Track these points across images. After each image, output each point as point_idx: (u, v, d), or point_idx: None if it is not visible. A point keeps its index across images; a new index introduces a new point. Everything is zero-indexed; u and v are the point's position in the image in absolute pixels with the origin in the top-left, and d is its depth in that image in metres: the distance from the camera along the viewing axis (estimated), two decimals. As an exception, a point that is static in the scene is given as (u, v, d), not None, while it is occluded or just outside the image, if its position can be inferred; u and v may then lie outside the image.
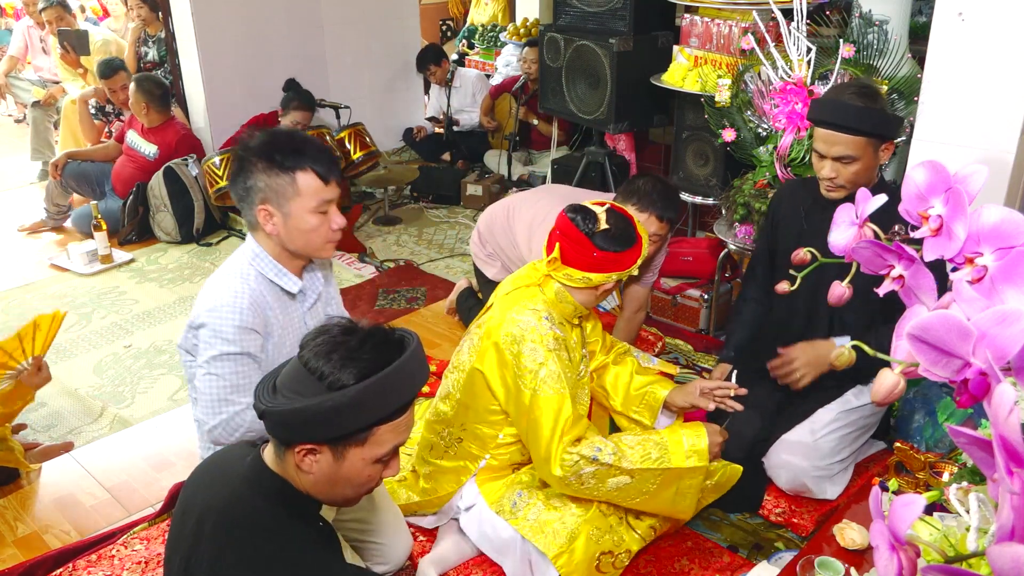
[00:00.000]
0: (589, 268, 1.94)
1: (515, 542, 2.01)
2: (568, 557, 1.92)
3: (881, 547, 0.79)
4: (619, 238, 1.94)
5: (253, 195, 1.91)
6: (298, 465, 1.28)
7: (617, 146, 4.27)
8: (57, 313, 2.56)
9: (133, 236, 4.55)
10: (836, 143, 2.11)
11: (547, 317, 1.97)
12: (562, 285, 2.00)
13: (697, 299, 3.39)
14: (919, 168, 0.86)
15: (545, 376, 1.91)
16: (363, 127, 4.68)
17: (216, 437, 1.90)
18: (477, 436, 2.08)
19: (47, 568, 2.16)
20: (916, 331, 0.75)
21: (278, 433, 1.28)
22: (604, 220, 1.94)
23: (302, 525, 1.32)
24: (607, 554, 1.96)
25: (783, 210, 2.44)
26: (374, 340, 1.27)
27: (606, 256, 1.93)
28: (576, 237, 1.93)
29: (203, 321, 1.87)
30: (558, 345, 1.95)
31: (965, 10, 2.29)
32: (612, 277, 1.96)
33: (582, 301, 2.04)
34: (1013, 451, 0.68)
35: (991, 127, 2.34)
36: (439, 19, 8.47)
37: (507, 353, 1.96)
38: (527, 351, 1.93)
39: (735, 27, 3.14)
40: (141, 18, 5.31)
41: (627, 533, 2.02)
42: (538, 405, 1.90)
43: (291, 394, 1.24)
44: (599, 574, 1.96)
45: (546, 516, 1.99)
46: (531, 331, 1.94)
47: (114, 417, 2.97)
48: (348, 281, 4.03)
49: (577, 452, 1.88)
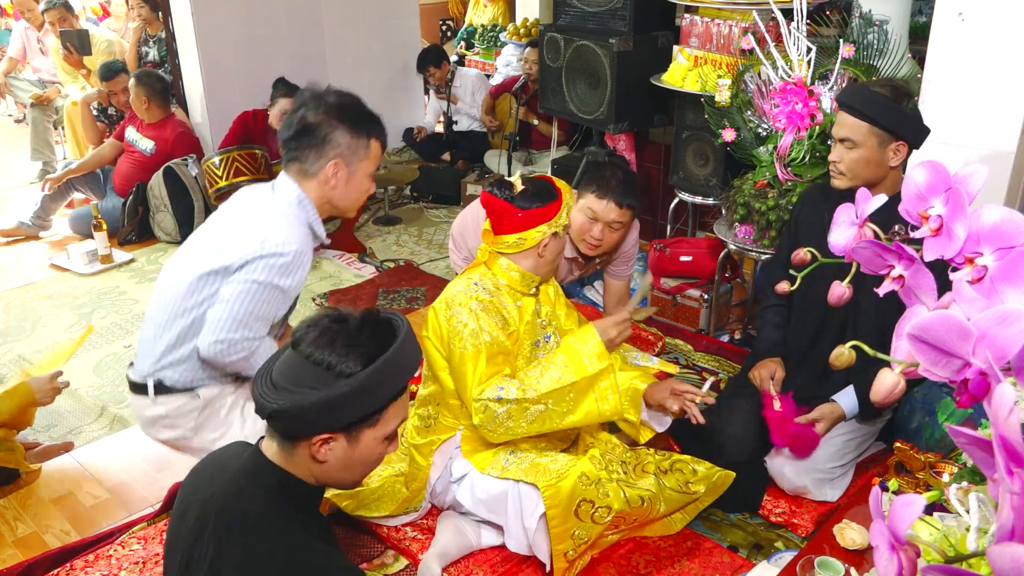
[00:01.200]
0: (519, 228, 2.07)
1: (507, 493, 2.06)
2: (555, 491, 1.96)
3: (881, 547, 0.79)
4: (538, 194, 2.07)
5: (329, 149, 2.03)
6: (313, 456, 1.30)
7: (617, 146, 4.26)
8: (89, 328, 2.68)
9: (133, 236, 4.55)
10: (843, 124, 2.15)
11: (477, 283, 2.10)
12: (504, 255, 2.12)
13: (697, 299, 3.39)
14: (919, 168, 0.86)
15: (467, 335, 2.04)
16: None
17: (214, 353, 1.97)
18: (449, 407, 2.16)
19: (45, 568, 2.16)
20: (916, 331, 0.75)
21: (292, 429, 1.29)
22: (520, 184, 2.09)
23: (304, 517, 1.33)
24: (587, 502, 1.99)
25: (806, 214, 2.42)
26: (369, 324, 1.31)
27: (529, 213, 2.06)
28: (500, 206, 2.07)
29: (258, 254, 1.95)
30: (483, 306, 2.07)
31: (965, 10, 2.29)
32: (544, 230, 2.08)
33: (530, 267, 2.14)
34: (1013, 451, 0.68)
35: (991, 127, 2.34)
36: (439, 19, 8.47)
37: (442, 319, 2.09)
38: (456, 314, 2.07)
39: (735, 27, 3.14)
40: (142, 18, 5.31)
41: (613, 491, 2.03)
42: (463, 361, 2.04)
43: (300, 388, 1.25)
44: (576, 519, 1.99)
45: (539, 460, 2.07)
46: (460, 295, 2.08)
47: (114, 417, 2.97)
48: (348, 281, 4.03)
49: (483, 398, 2.01)
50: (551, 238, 2.10)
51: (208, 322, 2.00)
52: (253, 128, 4.62)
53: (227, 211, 2.16)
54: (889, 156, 2.14)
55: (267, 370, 1.32)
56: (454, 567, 2.13)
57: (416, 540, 2.21)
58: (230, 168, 4.07)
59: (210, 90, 4.86)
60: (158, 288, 2.17)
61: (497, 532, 2.18)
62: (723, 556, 2.17)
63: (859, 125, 2.12)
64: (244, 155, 4.12)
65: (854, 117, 2.13)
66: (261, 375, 1.32)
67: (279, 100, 4.47)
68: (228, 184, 4.05)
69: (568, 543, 1.98)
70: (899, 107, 2.11)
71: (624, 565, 2.14)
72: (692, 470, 2.19)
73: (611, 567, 2.13)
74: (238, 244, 1.99)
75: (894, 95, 2.12)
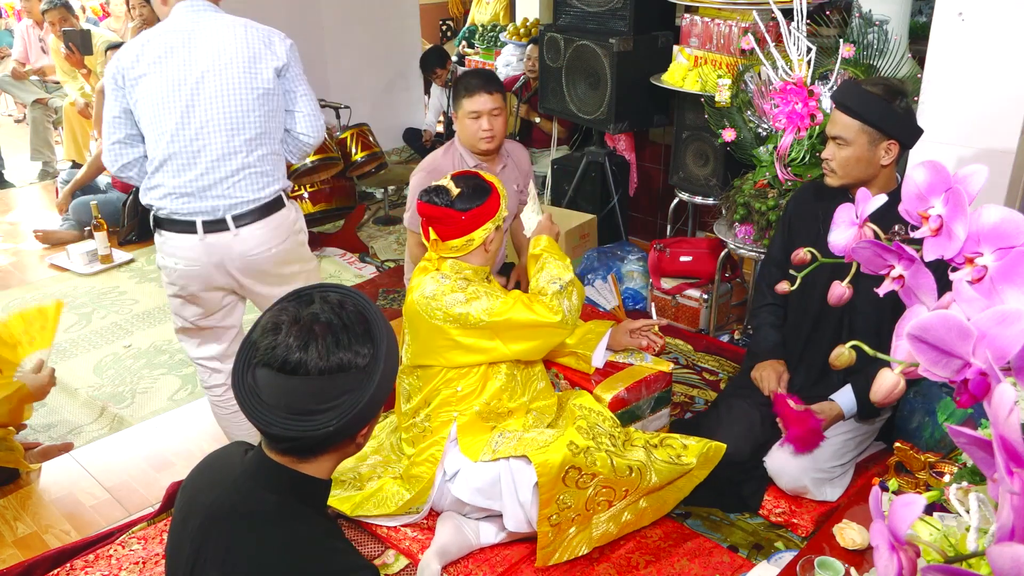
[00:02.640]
0: (464, 231, 2.12)
1: (500, 475, 2.10)
2: (545, 459, 2.02)
3: (881, 547, 0.79)
4: (475, 193, 2.12)
5: None
6: (357, 445, 1.30)
7: (617, 146, 4.27)
8: (59, 303, 2.61)
9: (133, 236, 4.55)
10: (836, 122, 2.17)
11: (443, 277, 2.15)
12: (455, 259, 2.17)
13: (697, 299, 3.39)
14: (919, 168, 0.86)
15: (482, 301, 2.10)
16: (368, 128, 4.68)
17: (320, 135, 2.36)
18: (441, 404, 2.19)
19: (45, 568, 2.16)
20: (916, 331, 0.75)
21: (344, 435, 1.23)
22: (454, 187, 2.12)
23: (313, 514, 1.32)
24: (575, 469, 2.05)
25: (799, 214, 2.43)
26: (334, 306, 1.24)
27: (472, 214, 2.11)
28: (440, 213, 2.10)
29: (289, 46, 2.31)
30: (468, 283, 2.14)
31: (965, 10, 2.29)
32: (488, 227, 2.14)
33: (479, 263, 2.20)
34: (1013, 451, 0.68)
35: (991, 127, 2.34)
36: (439, 19, 8.47)
37: (427, 317, 2.11)
38: (449, 302, 2.10)
39: (735, 27, 3.14)
40: (142, 17, 5.31)
41: (601, 459, 2.08)
42: (500, 313, 2.09)
43: (339, 400, 1.18)
44: (563, 485, 2.04)
45: (528, 436, 2.13)
46: (436, 292, 2.11)
47: (114, 417, 2.97)
48: (349, 280, 4.03)
49: (543, 300, 2.15)
50: (494, 232, 2.18)
51: (303, 115, 2.30)
52: None
53: (198, 48, 2.17)
54: (880, 155, 2.14)
55: (265, 410, 1.19)
56: (454, 567, 2.13)
57: (416, 540, 2.21)
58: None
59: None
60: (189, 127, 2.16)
61: (496, 527, 2.19)
62: (723, 556, 2.17)
63: (850, 123, 2.13)
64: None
65: (846, 115, 2.14)
66: (267, 420, 1.19)
67: None
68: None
69: (552, 507, 2.04)
70: (890, 106, 2.11)
71: (624, 565, 2.14)
72: (682, 444, 2.24)
73: (611, 567, 2.14)
74: (265, 53, 2.21)
75: (887, 94, 2.12)
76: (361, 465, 2.35)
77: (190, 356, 2.47)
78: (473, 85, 2.81)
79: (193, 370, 3.26)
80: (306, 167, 4.08)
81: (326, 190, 4.30)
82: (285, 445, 1.22)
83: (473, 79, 2.85)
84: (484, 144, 2.84)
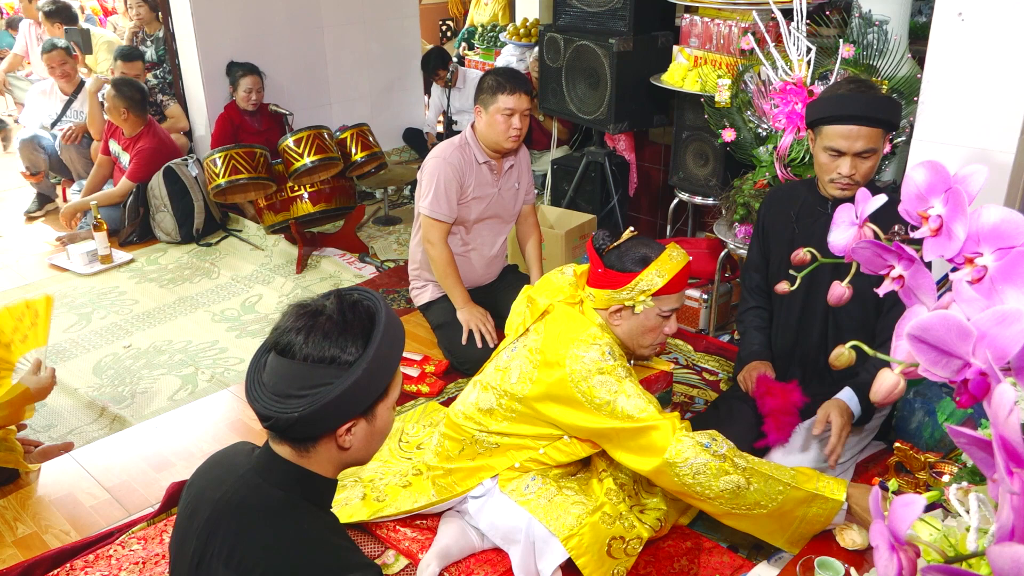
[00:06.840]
0: (600, 285, 2.02)
1: (523, 528, 2.02)
2: (579, 540, 1.93)
3: (881, 547, 0.79)
4: (628, 257, 2.00)
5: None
6: (340, 446, 1.30)
7: (617, 146, 4.27)
8: (49, 298, 2.57)
9: (134, 237, 4.55)
10: (860, 137, 2.09)
11: (609, 351, 1.96)
12: (595, 310, 2.05)
13: (697, 299, 3.39)
14: (919, 168, 0.86)
15: (627, 400, 1.90)
16: (368, 128, 4.68)
17: None
18: (515, 447, 2.09)
19: (45, 568, 2.16)
20: (916, 331, 0.75)
21: (316, 429, 1.27)
22: (623, 239, 2.02)
23: (317, 511, 1.33)
24: (618, 539, 1.98)
25: (772, 217, 2.43)
26: (347, 304, 1.29)
27: (611, 275, 1.99)
28: (591, 253, 2.03)
29: None
30: (628, 373, 1.96)
31: (965, 10, 2.29)
32: (635, 297, 1.98)
33: (623, 335, 2.05)
34: (1013, 451, 0.68)
35: (991, 127, 2.34)
36: (439, 19, 8.47)
37: (574, 389, 1.94)
38: (597, 384, 1.93)
39: (735, 27, 3.15)
40: (140, 17, 5.31)
41: (637, 521, 2.03)
42: (633, 420, 1.89)
43: (315, 389, 1.23)
44: (611, 559, 1.97)
45: (558, 499, 2.01)
46: (596, 364, 1.94)
47: (114, 417, 2.97)
48: (348, 281, 4.03)
49: (691, 435, 1.87)
50: (646, 311, 2.03)
51: None
52: (236, 118, 4.66)
53: None
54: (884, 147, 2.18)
55: (259, 387, 1.28)
56: (454, 567, 2.13)
57: (416, 540, 2.21)
58: (228, 166, 4.07)
59: (210, 90, 4.86)
60: None
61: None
62: (723, 556, 2.17)
63: (876, 133, 2.09)
64: (243, 153, 4.11)
65: (871, 127, 2.08)
66: (256, 396, 1.28)
67: (240, 81, 4.58)
68: (226, 182, 4.06)
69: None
70: (896, 101, 2.14)
71: (624, 565, 2.14)
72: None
73: (611, 567, 2.13)
74: None
75: (876, 88, 2.15)
76: (362, 469, 2.35)
77: None
78: (511, 84, 2.84)
79: (193, 370, 3.26)
80: (306, 167, 4.08)
81: (326, 190, 4.30)
82: (265, 424, 1.28)
83: (510, 78, 2.87)
84: (511, 143, 2.88)
